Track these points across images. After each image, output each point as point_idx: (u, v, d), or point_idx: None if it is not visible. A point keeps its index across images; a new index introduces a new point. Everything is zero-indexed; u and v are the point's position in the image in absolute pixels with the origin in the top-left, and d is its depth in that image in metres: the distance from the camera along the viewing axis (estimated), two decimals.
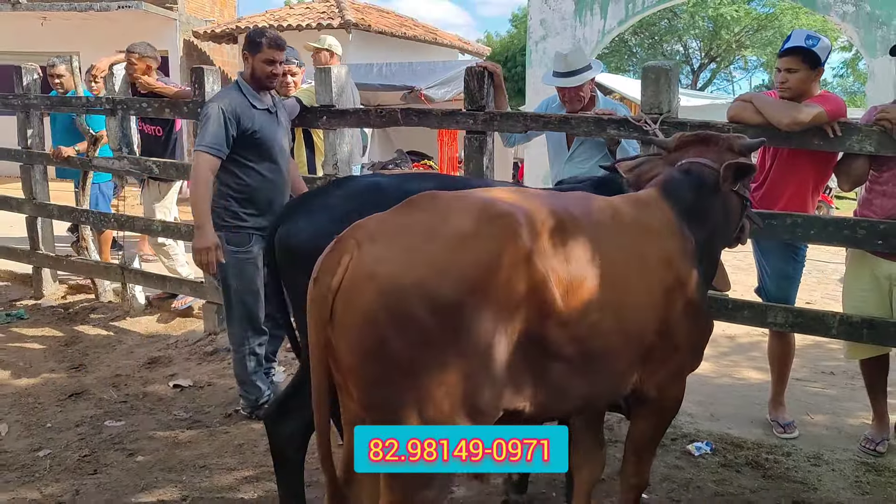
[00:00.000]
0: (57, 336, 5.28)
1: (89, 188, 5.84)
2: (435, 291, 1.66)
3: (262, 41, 3.59)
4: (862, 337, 3.28)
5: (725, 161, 2.37)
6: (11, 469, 3.34)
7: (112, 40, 13.40)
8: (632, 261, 2.10)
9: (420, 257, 1.69)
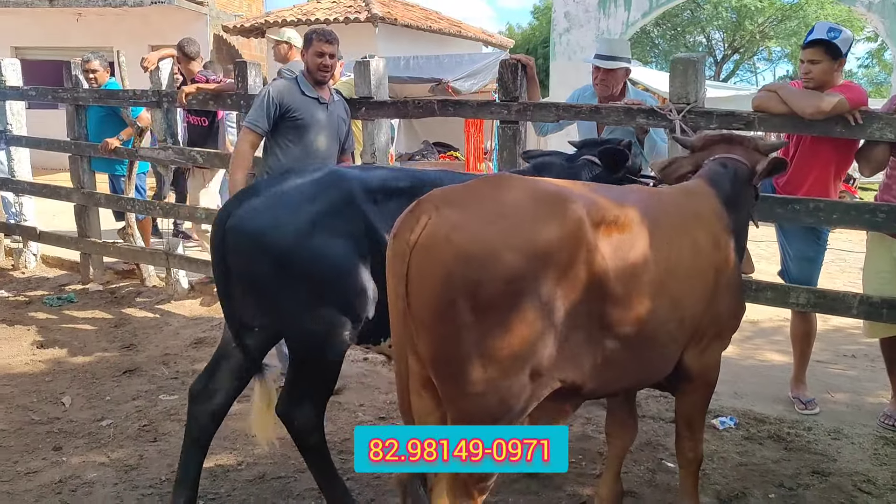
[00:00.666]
0: (106, 318, 5.55)
1: (135, 177, 6.09)
2: (504, 261, 1.80)
3: (312, 36, 3.87)
4: (882, 317, 3.43)
5: (755, 159, 2.59)
6: (79, 436, 3.60)
7: (144, 35, 13.77)
8: (686, 246, 2.27)
9: (493, 229, 1.83)
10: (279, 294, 2.56)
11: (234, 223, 2.56)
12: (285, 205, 2.56)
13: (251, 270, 2.58)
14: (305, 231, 2.51)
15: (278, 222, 2.52)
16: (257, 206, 2.56)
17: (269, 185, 2.70)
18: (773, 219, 3.61)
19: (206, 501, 3.00)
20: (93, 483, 3.14)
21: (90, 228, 6.27)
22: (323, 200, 2.57)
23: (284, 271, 2.51)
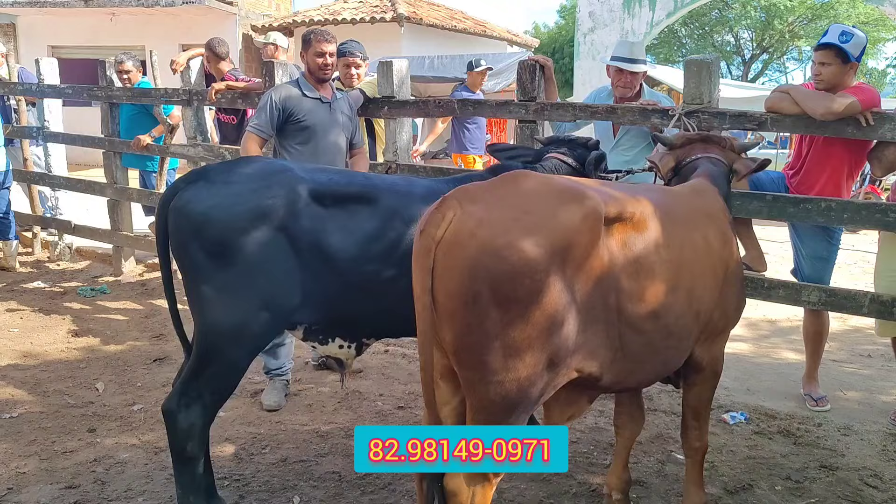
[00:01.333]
0: (138, 309, 5.75)
1: (166, 173, 6.29)
2: (527, 254, 1.88)
3: (311, 37, 3.92)
4: (892, 315, 3.47)
5: (731, 158, 2.74)
6: (112, 420, 3.77)
7: (175, 34, 14.08)
8: (700, 241, 2.37)
9: (518, 225, 1.91)
10: (200, 279, 2.54)
11: (176, 204, 2.55)
12: (227, 192, 2.53)
13: (182, 252, 2.57)
14: (239, 220, 2.48)
15: (215, 208, 2.49)
16: (201, 190, 2.54)
17: (221, 170, 2.68)
18: (786, 218, 3.66)
19: (231, 482, 3.14)
20: (125, 463, 3.30)
21: (122, 222, 6.48)
22: (265, 193, 2.54)
23: (211, 257, 2.49)
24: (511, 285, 1.89)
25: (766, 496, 3.01)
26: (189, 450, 2.61)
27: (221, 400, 2.69)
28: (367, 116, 4.85)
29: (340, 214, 2.63)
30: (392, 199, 2.73)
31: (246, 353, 2.65)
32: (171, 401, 2.61)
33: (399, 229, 2.68)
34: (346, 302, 2.65)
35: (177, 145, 6.00)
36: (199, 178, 2.61)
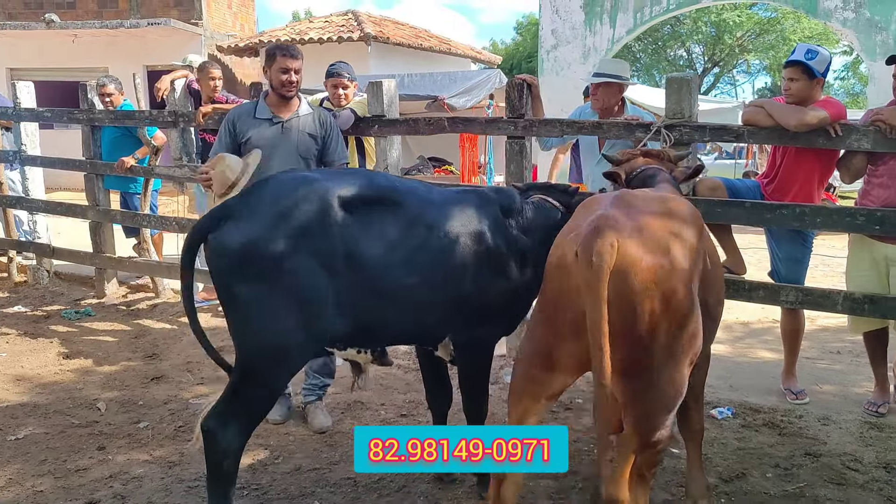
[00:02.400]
0: (126, 330, 5.77)
1: (150, 194, 6.33)
2: (690, 277, 2.18)
3: (276, 52, 3.83)
4: (864, 311, 3.74)
5: (670, 168, 3.00)
6: (119, 437, 3.82)
7: (140, 56, 14.03)
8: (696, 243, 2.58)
9: (677, 246, 2.18)
10: (241, 309, 2.58)
11: (212, 246, 2.59)
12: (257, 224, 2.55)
13: (224, 290, 2.62)
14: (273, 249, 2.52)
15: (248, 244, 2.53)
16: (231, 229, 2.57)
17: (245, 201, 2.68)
18: (763, 223, 3.92)
19: (250, 492, 3.23)
20: (141, 477, 3.37)
21: (105, 244, 6.49)
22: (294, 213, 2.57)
23: (252, 289, 2.54)
24: (676, 295, 2.12)
25: (758, 483, 3.22)
26: (225, 468, 2.66)
27: (258, 420, 2.76)
28: (358, 135, 4.99)
29: (368, 219, 2.66)
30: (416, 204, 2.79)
31: (286, 374, 2.74)
32: (210, 419, 2.65)
33: (422, 235, 2.73)
34: (372, 310, 2.70)
35: (162, 167, 6.05)
36: (225, 215, 2.62)
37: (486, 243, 2.86)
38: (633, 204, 2.30)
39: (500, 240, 2.90)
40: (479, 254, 2.83)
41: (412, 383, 4.43)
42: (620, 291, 2.06)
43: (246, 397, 2.66)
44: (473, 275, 2.82)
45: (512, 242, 2.93)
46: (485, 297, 2.88)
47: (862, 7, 10.55)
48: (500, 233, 2.92)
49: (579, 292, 2.09)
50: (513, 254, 2.93)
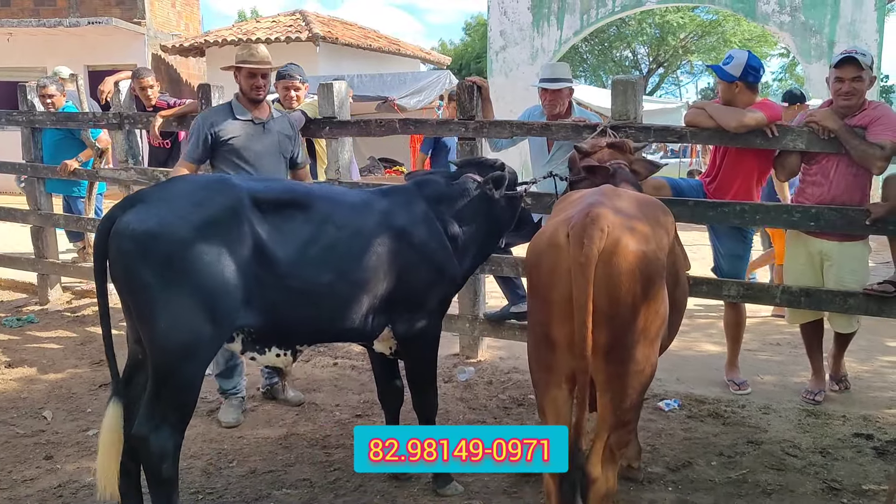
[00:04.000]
0: (71, 336, 5.63)
1: (94, 198, 6.20)
2: (664, 266, 2.38)
3: (241, 60, 3.86)
4: (800, 304, 3.91)
5: (629, 159, 3.13)
6: (67, 446, 3.73)
7: (80, 55, 13.66)
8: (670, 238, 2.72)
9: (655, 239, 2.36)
10: (148, 300, 2.51)
11: (117, 229, 2.52)
12: (167, 209, 2.54)
13: (128, 276, 2.54)
14: (182, 235, 2.50)
15: (161, 227, 2.49)
16: (141, 212, 2.53)
17: (156, 190, 2.68)
18: (706, 221, 4.06)
19: (204, 496, 3.21)
20: (91, 486, 3.28)
21: (48, 249, 6.32)
22: (205, 205, 2.58)
23: (157, 276, 2.48)
24: (654, 282, 2.27)
25: (703, 471, 3.33)
26: (164, 471, 2.61)
27: (186, 417, 2.69)
28: (308, 136, 4.98)
29: (279, 220, 2.69)
30: (326, 205, 2.85)
31: (199, 365, 2.66)
32: (140, 427, 2.59)
33: (333, 234, 2.79)
34: (284, 307, 2.72)
35: (108, 169, 5.94)
36: (135, 201, 2.60)
37: (409, 237, 2.95)
38: (619, 197, 2.46)
39: (426, 231, 3.01)
40: (402, 248, 2.92)
41: (366, 383, 4.44)
42: (608, 274, 2.20)
43: (165, 395, 2.59)
44: (400, 268, 2.91)
45: (440, 231, 3.06)
46: (418, 288, 2.98)
47: (797, 11, 10.96)
48: (426, 224, 3.02)
49: (569, 272, 2.21)
50: (442, 242, 3.05)
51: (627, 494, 3.12)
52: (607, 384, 2.29)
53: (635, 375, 2.30)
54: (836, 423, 3.81)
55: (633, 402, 2.35)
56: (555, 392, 2.39)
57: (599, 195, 2.48)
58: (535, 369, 2.49)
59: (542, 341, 2.38)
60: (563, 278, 2.26)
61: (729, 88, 3.91)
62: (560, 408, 2.39)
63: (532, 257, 2.47)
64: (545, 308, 2.35)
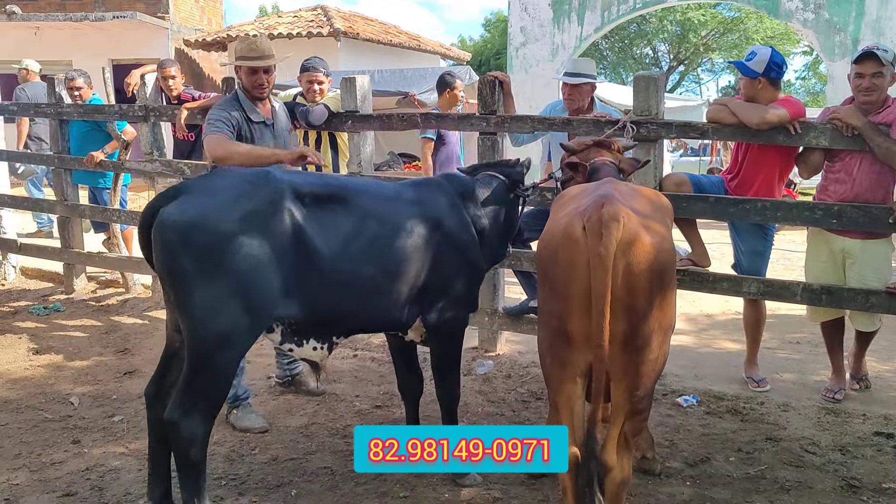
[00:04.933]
0: (96, 325, 5.73)
1: (120, 189, 6.29)
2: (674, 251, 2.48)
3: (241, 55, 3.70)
4: (821, 302, 3.90)
5: (618, 158, 3.13)
6: (94, 431, 3.82)
7: (105, 49, 13.82)
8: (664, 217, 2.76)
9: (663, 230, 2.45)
10: (188, 289, 2.58)
11: (161, 220, 2.59)
12: (212, 202, 2.60)
13: (170, 266, 2.60)
14: (225, 226, 2.56)
15: (202, 218, 2.56)
16: (185, 203, 2.60)
17: (199, 182, 2.75)
18: (727, 217, 4.06)
19: (227, 482, 3.27)
20: (118, 469, 3.38)
21: (73, 239, 6.43)
22: (248, 198, 2.64)
23: (199, 266, 2.55)
24: (667, 272, 2.35)
25: (722, 466, 3.35)
26: (193, 455, 2.67)
27: (218, 404, 2.75)
28: (331, 130, 5.03)
29: (320, 213, 2.75)
30: (364, 198, 2.91)
31: (235, 355, 2.72)
32: (171, 411, 2.66)
33: (372, 226, 2.84)
34: (324, 298, 2.76)
35: (133, 161, 6.02)
36: (178, 192, 2.67)
37: (443, 227, 3.01)
38: (624, 191, 2.50)
39: (458, 222, 3.07)
40: (437, 238, 2.98)
41: (386, 375, 4.49)
42: (626, 264, 2.23)
43: (198, 382, 2.65)
44: (434, 259, 2.96)
45: (469, 224, 3.12)
46: (450, 278, 3.04)
47: (821, 8, 10.84)
48: (457, 216, 3.08)
49: (587, 265, 2.23)
50: (472, 233, 3.12)
51: (645, 488, 3.14)
52: (623, 373, 2.32)
53: (650, 364, 2.34)
54: (855, 421, 3.80)
55: (647, 391, 2.39)
56: (569, 387, 2.41)
57: (607, 187, 2.50)
58: (548, 364, 2.51)
59: (559, 336, 2.40)
60: (581, 271, 2.27)
61: (752, 85, 3.91)
62: (574, 403, 2.41)
63: (547, 252, 2.47)
64: (563, 302, 2.36)
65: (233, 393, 3.84)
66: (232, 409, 3.87)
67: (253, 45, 3.74)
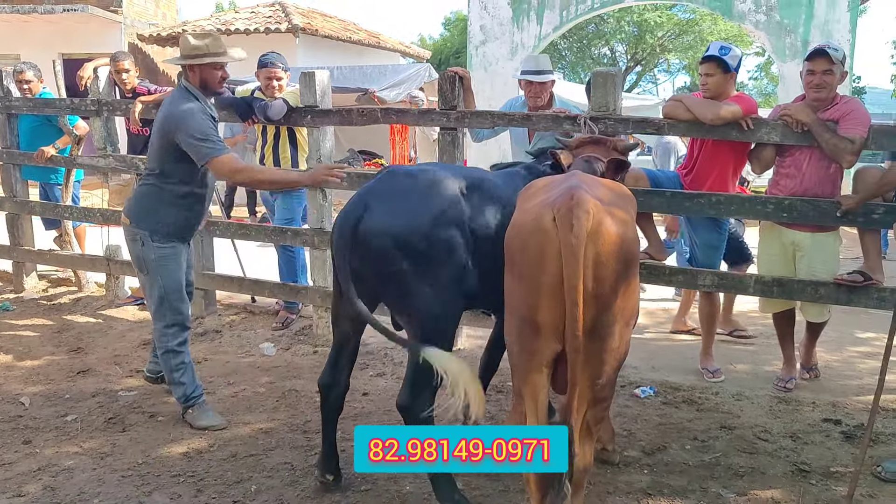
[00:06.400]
0: (48, 324, 5.59)
1: (72, 185, 6.14)
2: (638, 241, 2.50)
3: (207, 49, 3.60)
4: (773, 293, 4.00)
5: (611, 157, 3.15)
6: (46, 431, 3.72)
7: (54, 43, 13.47)
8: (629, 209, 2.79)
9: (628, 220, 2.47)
10: (410, 286, 2.74)
11: (367, 228, 2.72)
12: (410, 205, 2.76)
13: (387, 268, 2.73)
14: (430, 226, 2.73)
15: (412, 222, 2.72)
16: (384, 212, 2.74)
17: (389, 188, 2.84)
18: (682, 211, 4.14)
19: (185, 478, 3.22)
20: (71, 469, 3.31)
21: (23, 237, 6.26)
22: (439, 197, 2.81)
23: (416, 263, 2.71)
24: (632, 262, 2.38)
25: (678, 454, 3.41)
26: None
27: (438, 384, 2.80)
28: (290, 125, 4.99)
29: (483, 205, 2.90)
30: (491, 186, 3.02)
31: (453, 334, 2.94)
32: (403, 398, 2.81)
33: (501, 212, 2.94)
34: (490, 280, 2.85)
35: (86, 156, 5.88)
36: (370, 200, 2.78)
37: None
38: (591, 182, 2.54)
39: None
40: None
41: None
42: (594, 253, 2.26)
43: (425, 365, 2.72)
44: None
45: None
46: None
47: (773, 10, 11.11)
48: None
49: (558, 255, 2.25)
50: None
51: (604, 477, 3.19)
52: (587, 362, 2.32)
53: (613, 352, 2.37)
54: (806, 409, 3.91)
55: (609, 379, 2.42)
56: (535, 377, 2.43)
57: (577, 180, 2.52)
58: (515, 353, 2.52)
59: (527, 325, 2.41)
60: (552, 261, 2.29)
61: (724, 80, 3.97)
62: (538, 392, 2.43)
63: (516, 242, 2.48)
64: (532, 292, 2.38)
65: (182, 392, 3.81)
66: (187, 408, 3.82)
67: (220, 42, 3.69)
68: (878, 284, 3.80)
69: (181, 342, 3.84)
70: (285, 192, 5.24)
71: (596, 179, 2.71)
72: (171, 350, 3.81)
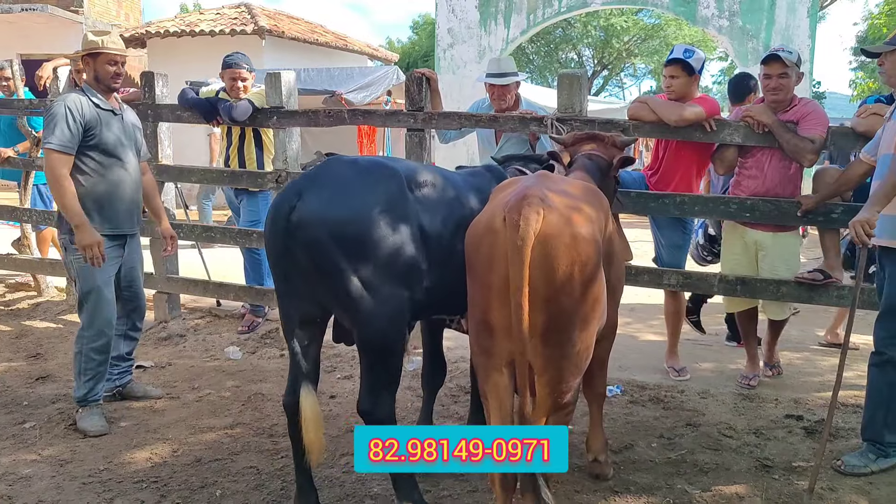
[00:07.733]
0: (5, 330, 5.46)
1: (31, 188, 6.00)
2: (598, 249, 2.36)
3: (102, 45, 3.64)
4: (736, 292, 4.06)
5: (612, 153, 3.15)
6: (3, 439, 3.63)
7: (12, 43, 13.19)
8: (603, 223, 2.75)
9: (590, 222, 2.38)
10: (348, 280, 2.52)
11: (300, 217, 2.51)
12: (347, 193, 2.55)
13: (321, 260, 2.52)
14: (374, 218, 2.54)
15: (350, 211, 2.51)
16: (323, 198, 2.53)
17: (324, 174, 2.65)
18: (648, 212, 4.18)
19: (149, 484, 3.16)
20: (29, 477, 3.22)
21: None
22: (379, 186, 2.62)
23: (354, 256, 2.51)
24: (590, 265, 2.29)
25: (644, 452, 3.44)
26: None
27: (399, 379, 2.73)
28: (255, 126, 4.94)
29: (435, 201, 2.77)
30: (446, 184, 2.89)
31: (402, 334, 2.72)
32: (363, 403, 2.65)
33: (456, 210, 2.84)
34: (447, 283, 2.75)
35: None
36: (305, 187, 2.58)
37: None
38: (553, 182, 2.51)
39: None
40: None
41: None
42: (544, 256, 2.22)
43: (378, 367, 2.65)
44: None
45: None
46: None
47: (735, 16, 11.33)
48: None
49: (507, 256, 2.22)
50: None
51: (571, 476, 3.19)
52: (544, 368, 2.31)
53: (572, 359, 2.33)
54: (769, 405, 3.97)
55: (569, 386, 2.37)
56: (496, 377, 2.42)
57: (534, 179, 2.52)
58: (476, 353, 2.52)
59: (482, 326, 2.40)
60: (500, 262, 2.28)
61: (689, 82, 4.03)
62: (501, 392, 2.42)
63: (471, 242, 2.48)
64: (483, 292, 2.37)
65: (83, 393, 3.75)
66: (79, 407, 3.76)
67: (114, 36, 3.74)
68: (837, 282, 3.87)
69: (97, 347, 3.79)
70: (250, 194, 5.19)
71: (563, 179, 2.71)
72: (81, 352, 3.78)
